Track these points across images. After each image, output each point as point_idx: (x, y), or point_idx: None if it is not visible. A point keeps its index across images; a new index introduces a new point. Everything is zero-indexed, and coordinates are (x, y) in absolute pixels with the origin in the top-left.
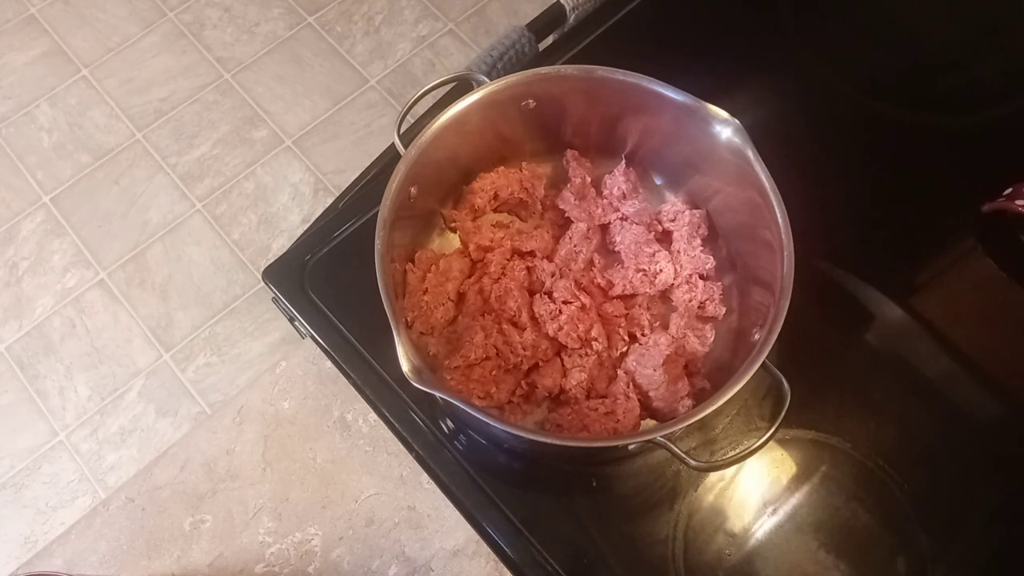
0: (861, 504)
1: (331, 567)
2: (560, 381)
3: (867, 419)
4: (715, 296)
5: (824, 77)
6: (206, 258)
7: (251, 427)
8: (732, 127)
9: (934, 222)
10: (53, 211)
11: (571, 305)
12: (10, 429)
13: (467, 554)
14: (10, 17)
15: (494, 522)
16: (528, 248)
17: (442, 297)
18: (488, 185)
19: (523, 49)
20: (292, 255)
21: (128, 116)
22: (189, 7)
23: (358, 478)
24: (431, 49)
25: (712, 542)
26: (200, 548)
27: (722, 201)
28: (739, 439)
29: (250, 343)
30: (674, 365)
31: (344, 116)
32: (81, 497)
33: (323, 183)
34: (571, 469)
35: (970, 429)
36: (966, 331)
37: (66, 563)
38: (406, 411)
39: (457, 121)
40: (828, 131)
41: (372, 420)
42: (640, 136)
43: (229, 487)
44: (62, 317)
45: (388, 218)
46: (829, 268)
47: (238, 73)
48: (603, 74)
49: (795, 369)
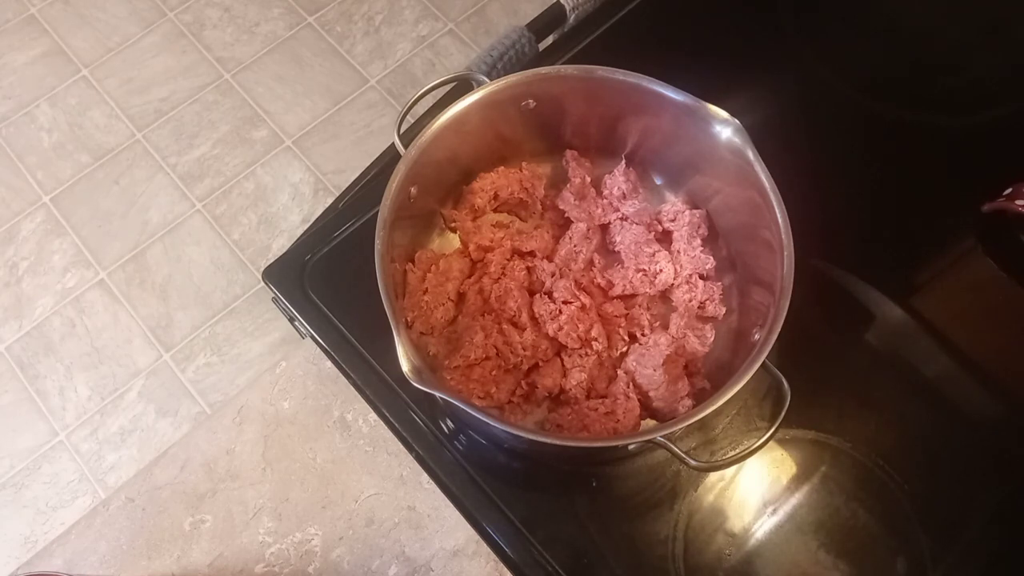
0: (861, 504)
1: (331, 567)
2: (560, 381)
3: (867, 419)
4: (715, 296)
5: (824, 77)
6: (206, 258)
7: (251, 427)
8: (732, 127)
9: (934, 222)
10: (53, 211)
11: (571, 305)
12: (10, 429)
13: (467, 554)
14: (10, 17)
15: (494, 522)
16: (528, 248)
17: (442, 297)
18: (488, 185)
19: (523, 49)
20: (292, 255)
21: (128, 116)
22: (189, 7)
23: (358, 478)
24: (431, 49)
25: (712, 542)
26: (200, 548)
27: (722, 201)
28: (739, 439)
29: (250, 343)
30: (674, 365)
31: (344, 116)
32: (81, 497)
33: (323, 183)
34: (571, 469)
35: (970, 429)
36: (966, 331)
37: (66, 563)
38: (406, 411)
39: (457, 121)
40: (828, 131)
41: (372, 420)
42: (640, 136)
43: (229, 487)
44: (62, 317)
45: (388, 218)
46: (829, 268)
47: (238, 73)
48: (603, 74)
49: (795, 369)
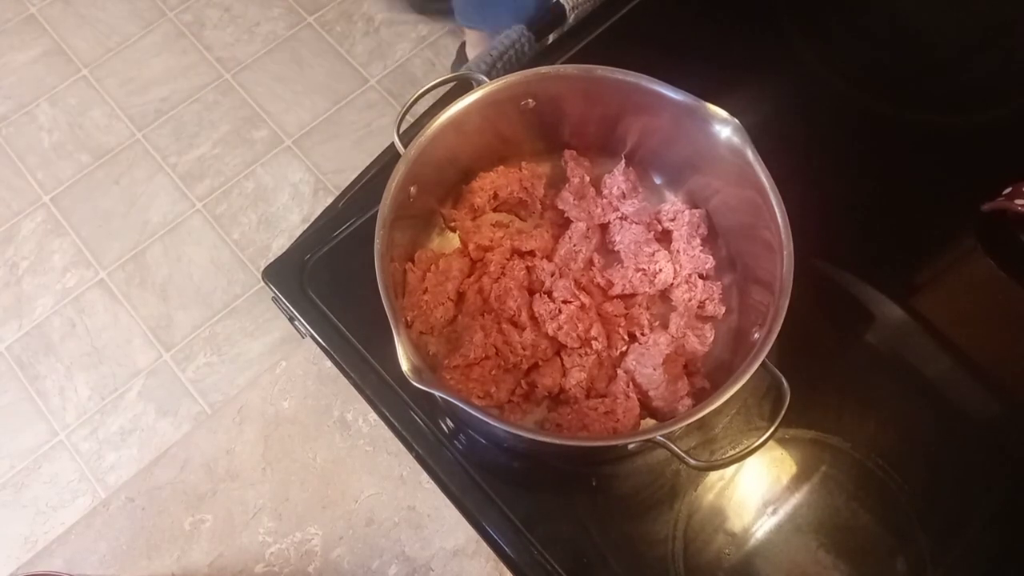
0: (861, 504)
1: (331, 567)
2: (560, 381)
3: (867, 419)
4: (715, 296)
5: (824, 77)
6: (206, 258)
7: (251, 427)
8: (732, 127)
9: (934, 222)
10: (53, 211)
11: (571, 305)
12: (10, 429)
13: (467, 554)
14: (10, 17)
15: (494, 522)
16: (528, 248)
17: (442, 297)
18: (488, 185)
19: (523, 49)
20: (292, 255)
21: (128, 116)
22: (189, 7)
23: (358, 478)
24: (431, 49)
25: (712, 542)
26: (200, 548)
27: (722, 201)
28: (739, 438)
29: (250, 343)
30: (674, 365)
31: (344, 116)
32: (81, 497)
33: (323, 183)
34: (571, 469)
35: (970, 429)
36: (966, 331)
37: (66, 563)
38: (406, 411)
39: (457, 121)
40: (828, 131)
41: (372, 420)
42: (640, 136)
43: (229, 487)
44: (62, 317)
45: (388, 217)
46: (829, 268)
47: (238, 73)
48: (603, 74)
49: (795, 369)
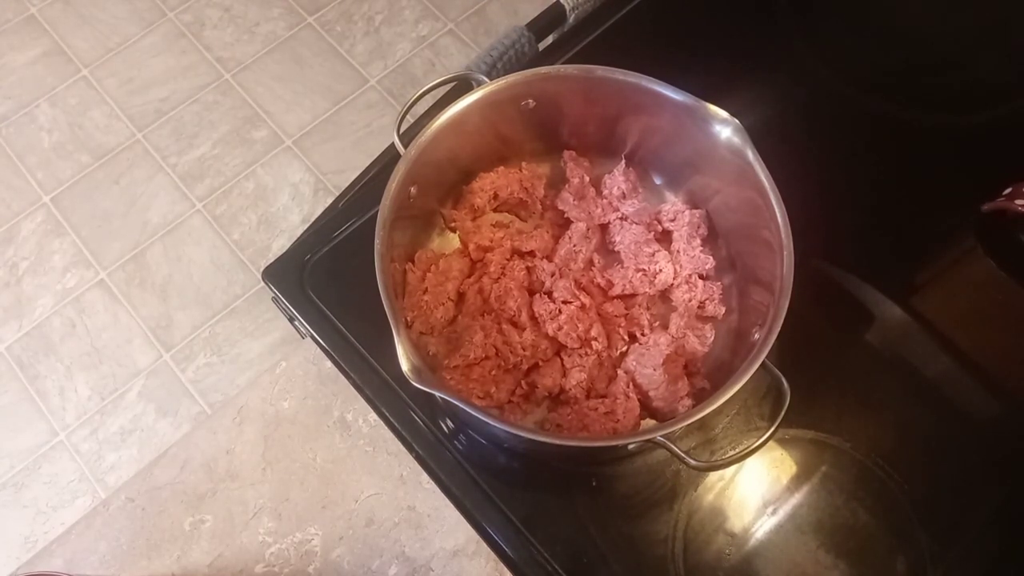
0: (861, 504)
1: (331, 567)
2: (560, 381)
3: (867, 419)
4: (715, 296)
5: (824, 77)
6: (206, 258)
7: (251, 427)
8: (732, 127)
9: (934, 222)
10: (53, 211)
11: (571, 305)
12: (10, 429)
13: (467, 554)
14: (10, 17)
15: (494, 522)
16: (528, 248)
17: (442, 297)
18: (488, 185)
19: (523, 49)
20: (292, 255)
21: (128, 116)
22: (189, 7)
23: (358, 478)
24: (431, 49)
25: (712, 542)
26: (200, 548)
27: (722, 201)
28: (739, 439)
29: (250, 343)
30: (674, 365)
31: (344, 116)
32: (81, 497)
33: (323, 183)
34: (571, 469)
35: (970, 429)
36: (966, 331)
37: (66, 563)
38: (406, 411)
39: (457, 121)
40: (828, 131)
41: (372, 420)
42: (640, 136)
43: (229, 487)
44: (62, 317)
45: (388, 218)
46: (829, 268)
47: (238, 73)
48: (603, 74)
49: (795, 369)
